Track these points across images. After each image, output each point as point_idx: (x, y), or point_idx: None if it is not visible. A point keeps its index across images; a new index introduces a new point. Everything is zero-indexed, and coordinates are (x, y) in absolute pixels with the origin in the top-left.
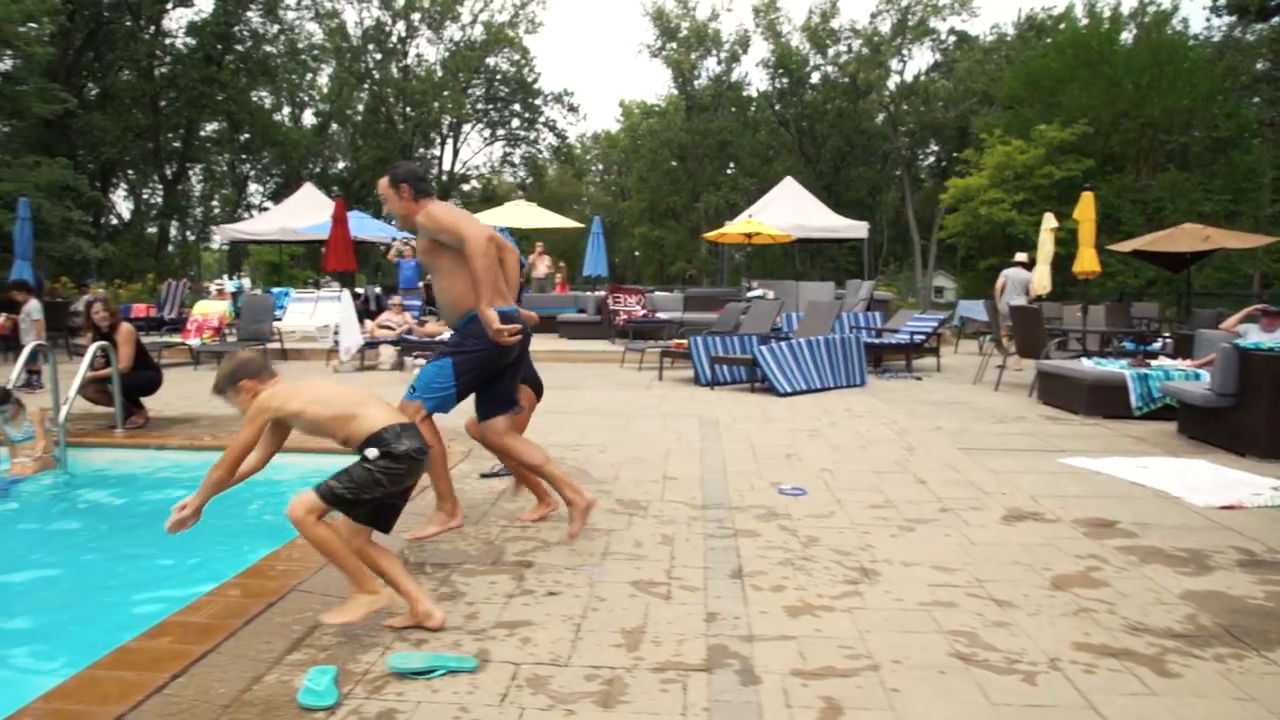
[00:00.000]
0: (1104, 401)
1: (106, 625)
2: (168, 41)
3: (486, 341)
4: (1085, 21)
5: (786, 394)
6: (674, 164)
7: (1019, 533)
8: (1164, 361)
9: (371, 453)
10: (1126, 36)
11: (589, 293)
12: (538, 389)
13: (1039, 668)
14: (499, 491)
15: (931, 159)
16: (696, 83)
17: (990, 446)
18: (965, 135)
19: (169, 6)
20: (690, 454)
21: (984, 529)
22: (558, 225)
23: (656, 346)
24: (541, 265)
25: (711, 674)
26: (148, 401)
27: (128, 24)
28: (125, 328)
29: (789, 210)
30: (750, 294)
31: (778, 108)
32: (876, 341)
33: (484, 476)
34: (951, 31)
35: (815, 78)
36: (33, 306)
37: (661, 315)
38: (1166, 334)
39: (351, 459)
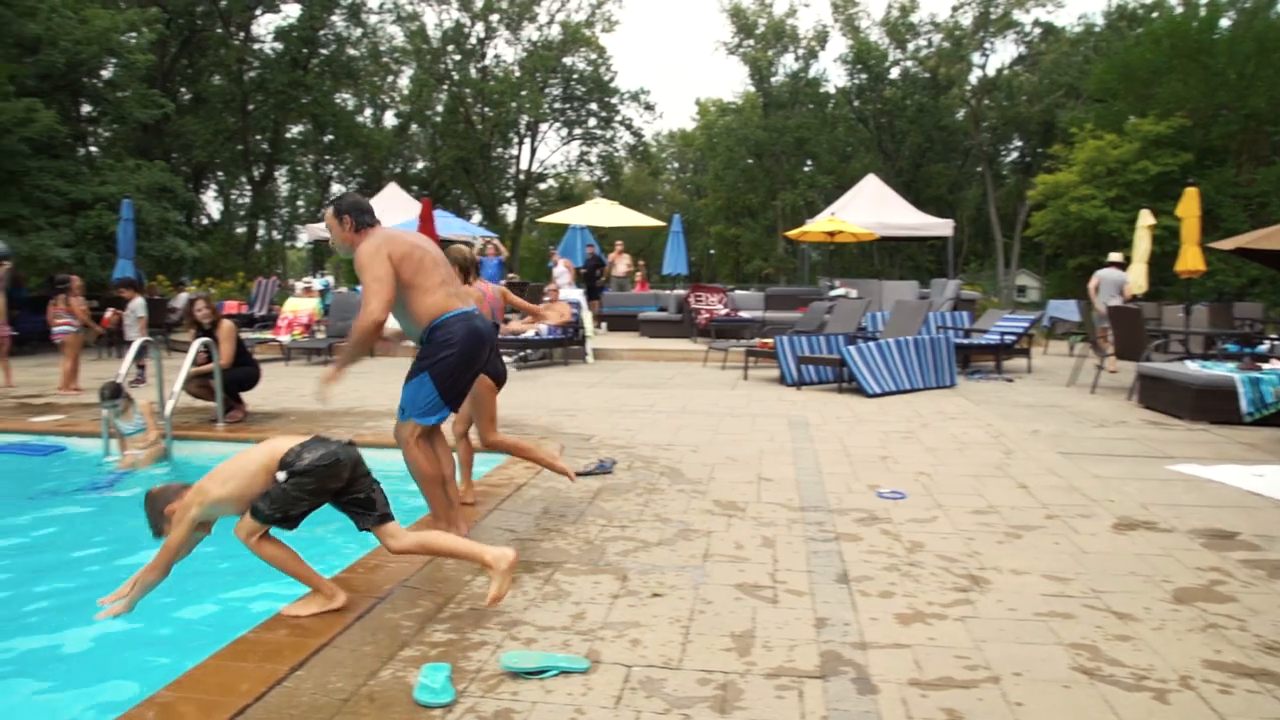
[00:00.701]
0: (1211, 406)
1: (222, 616)
2: (256, 47)
3: (455, 346)
4: (1181, 9)
5: (875, 395)
6: (750, 161)
7: (1132, 542)
8: (1276, 365)
9: (280, 475)
10: (1225, 23)
11: (669, 291)
12: (500, 379)
13: (1170, 685)
14: (595, 491)
15: (1015, 154)
16: (773, 79)
17: (1092, 451)
18: (1050, 130)
19: (257, 13)
20: (783, 455)
21: (1094, 537)
22: (637, 223)
23: (741, 346)
24: (621, 263)
25: (826, 681)
26: (245, 396)
27: (219, 31)
28: (226, 325)
29: (872, 208)
30: (833, 293)
31: (856, 104)
32: (965, 342)
33: (578, 475)
34: (1036, 23)
35: (894, 73)
36: (137, 304)
37: (743, 314)
38: (1273, 335)
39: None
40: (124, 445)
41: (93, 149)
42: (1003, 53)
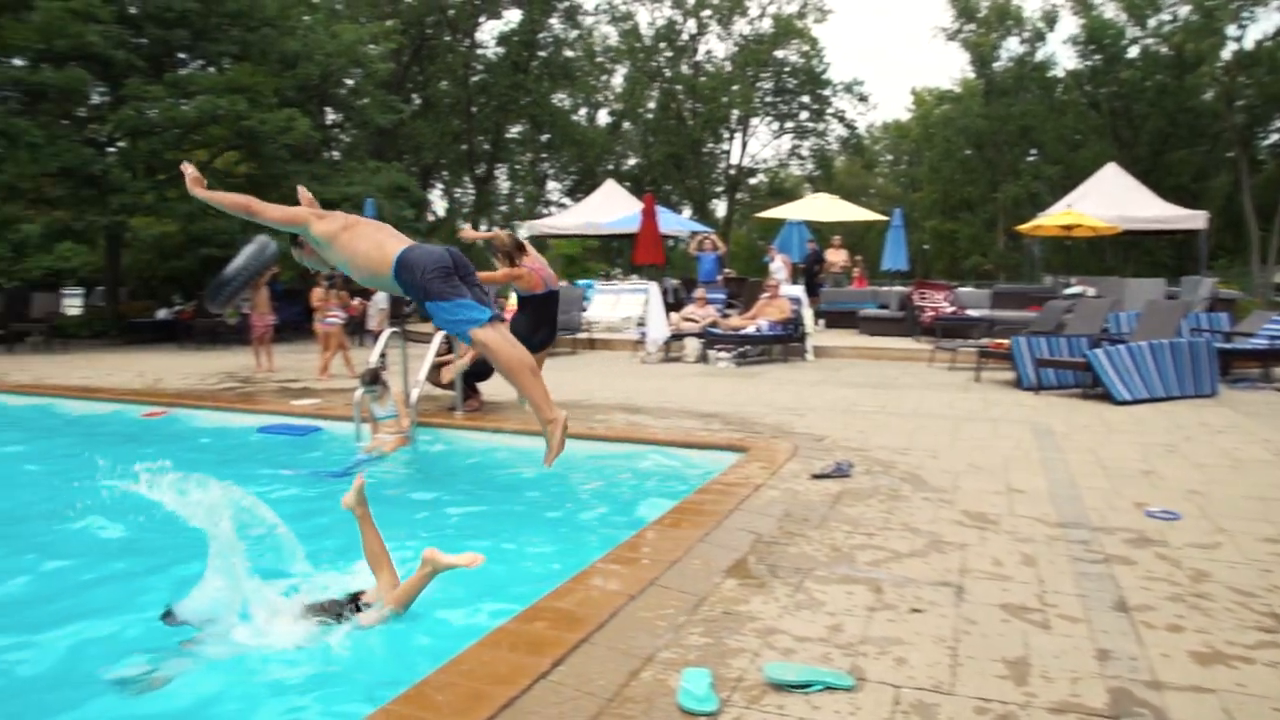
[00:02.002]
0: None
1: (477, 599)
2: (480, 52)
3: (420, 267)
4: None
5: (1125, 402)
6: (969, 153)
7: None
8: None
9: None
10: None
11: (889, 287)
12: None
13: None
14: (835, 495)
15: (1275, 136)
16: (996, 65)
17: None
18: None
19: (481, 19)
20: (1030, 464)
21: None
22: (855, 218)
23: (971, 346)
24: (839, 258)
25: None
26: (480, 386)
27: (446, 38)
28: None
29: (1112, 200)
30: (1068, 291)
31: (1087, 88)
32: (1227, 346)
33: (815, 477)
34: None
35: (1133, 52)
36: (380, 296)
37: (970, 313)
38: None
39: None
40: (375, 429)
41: (334, 153)
42: (1264, 22)
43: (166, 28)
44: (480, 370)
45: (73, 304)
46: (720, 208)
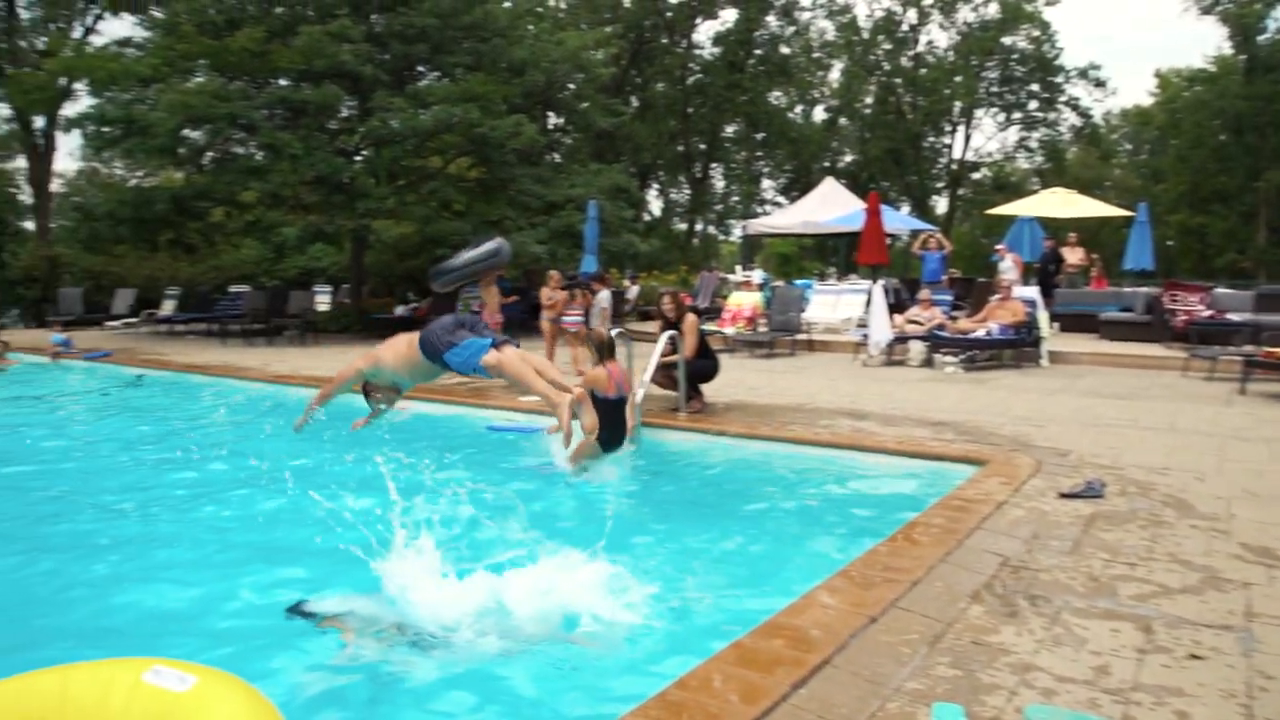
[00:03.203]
0: None
1: (704, 605)
2: (696, 53)
3: (438, 332)
4: None
5: None
6: (1224, 138)
7: None
8: None
9: None
10: None
11: (1133, 289)
12: None
13: None
14: (1087, 517)
15: None
16: (1261, 38)
17: None
18: None
19: (698, 21)
20: None
21: None
22: (1096, 214)
23: (1236, 354)
24: (1074, 256)
25: None
26: (703, 388)
27: (663, 41)
28: (690, 318)
29: None
30: None
31: None
32: None
33: (1063, 496)
34: None
35: None
36: (604, 296)
37: (1232, 317)
38: None
39: None
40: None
41: (556, 156)
42: None
43: (408, 43)
44: (704, 371)
45: (322, 300)
46: (940, 204)
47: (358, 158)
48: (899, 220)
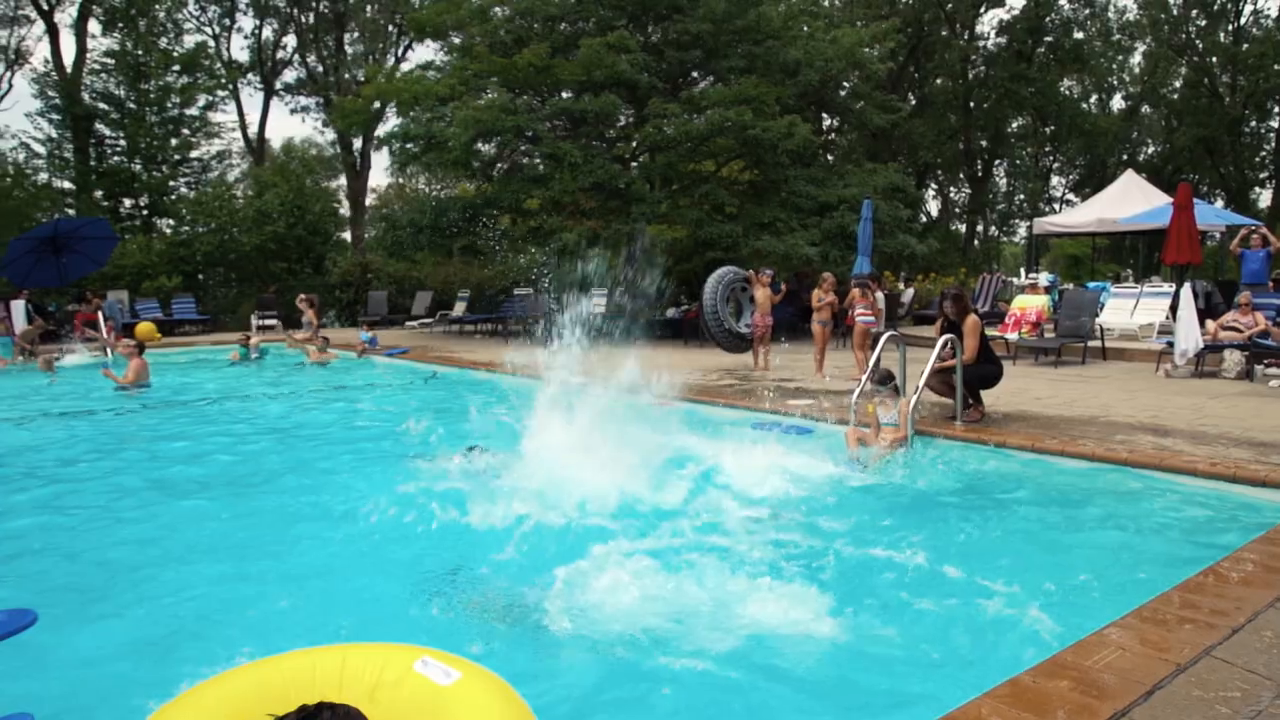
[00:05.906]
0: None
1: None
2: (979, 44)
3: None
4: None
5: None
6: None
7: None
8: None
9: None
10: None
11: None
12: None
13: None
14: None
15: None
16: None
17: None
18: None
19: (982, 10)
20: None
21: None
22: None
23: None
24: None
25: None
26: (983, 395)
27: (943, 34)
28: (972, 320)
29: None
30: None
31: None
32: None
33: None
34: None
35: None
36: (876, 297)
37: None
38: None
39: None
40: (877, 434)
41: (829, 156)
42: None
43: (683, 49)
44: (984, 377)
45: (599, 303)
46: (1264, 197)
47: (633, 164)
48: (1212, 215)
